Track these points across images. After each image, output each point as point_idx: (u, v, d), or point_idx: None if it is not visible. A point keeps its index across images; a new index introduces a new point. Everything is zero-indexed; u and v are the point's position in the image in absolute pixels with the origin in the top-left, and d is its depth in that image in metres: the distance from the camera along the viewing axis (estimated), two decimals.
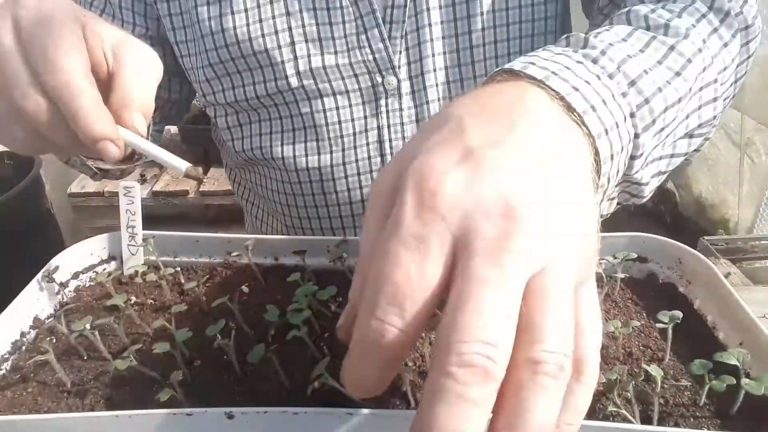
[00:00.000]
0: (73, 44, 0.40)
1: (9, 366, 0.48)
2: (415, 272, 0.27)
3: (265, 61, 0.65)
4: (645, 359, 0.46)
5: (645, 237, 0.57)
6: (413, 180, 0.28)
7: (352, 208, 0.71)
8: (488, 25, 0.64)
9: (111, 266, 0.62)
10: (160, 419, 0.38)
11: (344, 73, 0.65)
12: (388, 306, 0.27)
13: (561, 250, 0.28)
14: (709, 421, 0.40)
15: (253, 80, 0.67)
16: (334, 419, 0.37)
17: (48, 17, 0.40)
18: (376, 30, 0.63)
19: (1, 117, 0.43)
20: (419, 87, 0.66)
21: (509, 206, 0.27)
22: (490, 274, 0.26)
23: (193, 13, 0.65)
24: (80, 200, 2.21)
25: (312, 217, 0.74)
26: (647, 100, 0.43)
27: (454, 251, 0.27)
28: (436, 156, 0.29)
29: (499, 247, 0.26)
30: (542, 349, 0.25)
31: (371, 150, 0.68)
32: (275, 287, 0.57)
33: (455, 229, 0.27)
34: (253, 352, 0.45)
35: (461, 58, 0.65)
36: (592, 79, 0.40)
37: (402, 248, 0.27)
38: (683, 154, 0.52)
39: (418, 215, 0.27)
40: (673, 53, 0.47)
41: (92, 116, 0.40)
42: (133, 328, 0.52)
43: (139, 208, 0.60)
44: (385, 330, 0.27)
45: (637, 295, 0.54)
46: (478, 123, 0.32)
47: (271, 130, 0.70)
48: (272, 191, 0.76)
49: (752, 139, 2.12)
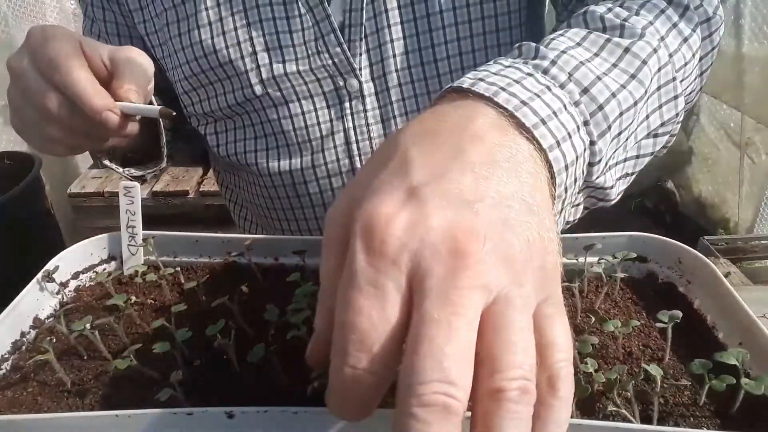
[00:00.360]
0: (69, 51, 0.50)
1: (9, 366, 0.48)
2: (377, 317, 0.27)
3: (231, 71, 0.67)
4: (645, 359, 0.46)
5: (645, 237, 0.57)
6: (361, 228, 0.29)
7: (325, 210, 0.73)
8: (449, 23, 0.64)
9: (111, 266, 0.62)
10: (160, 419, 0.38)
11: (306, 79, 0.67)
12: (357, 353, 0.28)
13: (514, 275, 0.29)
14: (709, 420, 0.40)
15: (224, 90, 0.69)
16: (334, 419, 0.37)
17: (50, 39, 0.50)
18: (333, 35, 0.64)
19: (37, 123, 0.53)
20: (382, 88, 0.67)
21: (455, 242, 0.28)
22: (442, 314, 0.26)
23: (165, 31, 0.68)
24: (80, 200, 2.22)
25: (290, 219, 0.76)
26: (601, 106, 0.43)
27: (410, 289, 0.28)
28: (381, 200, 0.30)
29: (449, 287, 0.27)
30: (503, 378, 0.26)
31: (339, 152, 0.70)
32: (275, 287, 0.57)
33: (407, 270, 0.28)
34: (253, 352, 0.45)
35: (423, 57, 0.66)
36: (543, 91, 0.40)
37: (360, 296, 0.28)
38: (649, 153, 0.53)
39: (370, 263, 0.28)
40: (627, 55, 0.47)
41: (91, 94, 0.49)
42: (133, 328, 0.52)
43: (139, 208, 0.60)
44: (359, 376, 0.28)
45: (637, 294, 0.54)
46: (424, 154, 0.32)
47: (245, 136, 0.73)
48: (252, 194, 0.78)
49: (752, 139, 2.12)
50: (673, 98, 0.50)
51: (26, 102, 0.52)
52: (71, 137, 0.54)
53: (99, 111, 0.50)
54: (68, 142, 0.54)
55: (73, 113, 0.51)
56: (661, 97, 0.49)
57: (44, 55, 0.50)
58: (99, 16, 0.73)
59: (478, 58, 0.66)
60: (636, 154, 0.51)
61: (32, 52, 0.51)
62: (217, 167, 0.87)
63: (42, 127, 0.52)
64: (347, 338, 0.28)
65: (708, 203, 2.44)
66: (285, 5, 0.64)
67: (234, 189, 0.86)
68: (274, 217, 0.78)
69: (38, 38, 0.51)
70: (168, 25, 0.68)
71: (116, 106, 0.51)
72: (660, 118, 0.50)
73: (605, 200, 0.49)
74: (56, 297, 0.56)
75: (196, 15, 0.66)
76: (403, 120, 0.68)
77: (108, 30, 0.74)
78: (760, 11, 2.03)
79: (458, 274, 0.27)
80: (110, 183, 2.23)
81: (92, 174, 2.31)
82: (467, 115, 0.36)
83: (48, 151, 0.57)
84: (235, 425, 0.37)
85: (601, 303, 0.52)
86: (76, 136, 0.54)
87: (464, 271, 0.27)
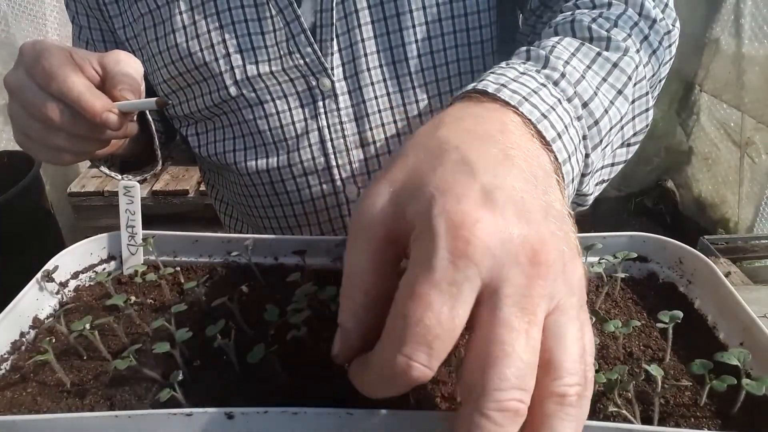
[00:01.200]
0: (63, 60, 0.52)
1: (9, 366, 0.48)
2: (446, 316, 0.28)
3: (207, 73, 0.68)
4: (645, 359, 0.46)
5: (645, 237, 0.57)
6: (445, 225, 0.29)
7: (304, 207, 0.74)
8: (419, 22, 0.65)
9: (111, 266, 0.62)
10: (160, 419, 0.38)
11: (279, 79, 0.68)
12: (416, 345, 0.28)
13: (569, 286, 0.31)
14: (710, 421, 0.40)
15: (201, 92, 0.70)
16: (334, 419, 0.37)
17: (41, 52, 0.52)
18: (303, 36, 0.65)
19: (42, 134, 0.54)
20: (355, 87, 0.68)
21: (534, 252, 0.29)
22: (521, 323, 0.28)
23: (142, 36, 0.70)
24: (80, 200, 2.22)
25: (270, 217, 0.77)
26: (597, 122, 0.45)
27: (480, 294, 0.29)
28: (460, 199, 0.30)
29: (526, 295, 0.29)
30: (565, 384, 0.29)
31: (314, 151, 0.70)
32: (275, 287, 0.57)
33: (485, 274, 0.29)
34: (253, 352, 0.44)
35: (395, 56, 0.67)
36: (556, 104, 0.42)
37: (434, 292, 0.28)
38: (622, 162, 0.55)
39: (452, 261, 0.29)
40: (615, 70, 0.49)
41: (89, 97, 0.51)
42: (133, 328, 0.52)
43: (138, 207, 0.60)
44: (411, 367, 0.29)
45: (637, 294, 0.54)
46: (480, 156, 0.33)
47: (224, 137, 0.74)
48: (234, 193, 0.80)
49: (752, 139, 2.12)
50: (645, 110, 0.53)
51: (29, 115, 0.53)
52: (76, 144, 0.55)
53: (99, 112, 0.51)
54: (74, 149, 0.56)
55: (75, 119, 0.52)
56: (635, 110, 0.52)
57: (39, 67, 0.51)
58: (85, 24, 0.75)
59: (449, 56, 0.67)
60: (611, 162, 0.54)
61: (27, 66, 0.52)
62: (203, 167, 0.89)
63: (47, 137, 0.54)
64: (410, 329, 0.28)
65: (708, 203, 2.44)
66: (256, 7, 0.65)
67: (219, 188, 0.88)
68: (256, 215, 0.79)
69: (31, 53, 0.52)
70: (145, 30, 0.69)
71: (114, 106, 0.52)
72: (633, 128, 0.52)
73: (583, 205, 0.52)
74: (56, 297, 0.56)
75: (171, 19, 0.67)
76: (376, 118, 0.68)
77: (94, 37, 0.75)
78: (760, 11, 2.03)
79: (534, 284, 0.29)
80: (110, 182, 2.23)
81: (92, 173, 2.31)
82: (501, 120, 0.37)
83: (55, 161, 0.58)
84: (235, 426, 0.37)
85: (601, 303, 0.52)
86: (81, 142, 0.55)
87: (539, 280, 0.29)
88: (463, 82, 0.69)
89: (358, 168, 0.70)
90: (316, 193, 0.72)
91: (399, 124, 0.69)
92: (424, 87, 0.68)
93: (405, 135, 0.69)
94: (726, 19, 2.17)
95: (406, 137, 0.66)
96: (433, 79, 0.68)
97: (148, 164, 0.73)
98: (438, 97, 0.69)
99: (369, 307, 0.33)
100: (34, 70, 0.52)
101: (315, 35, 0.66)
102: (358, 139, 0.69)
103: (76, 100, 0.50)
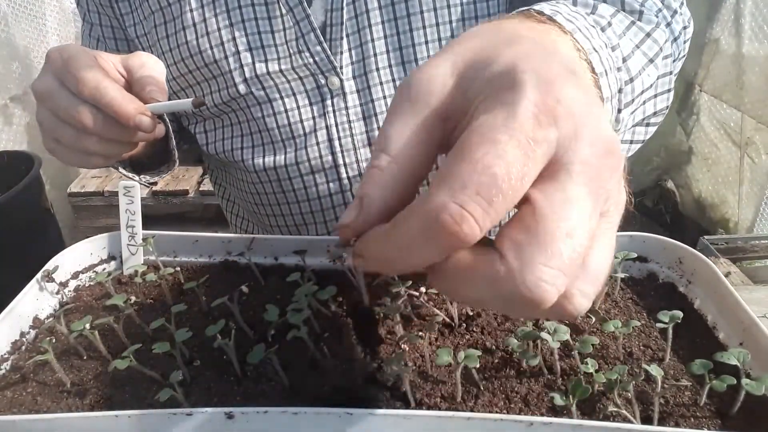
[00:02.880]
0: (90, 65, 0.52)
1: (9, 366, 0.48)
2: (516, 171, 0.25)
3: (216, 71, 0.68)
4: (645, 359, 0.46)
5: (645, 237, 0.57)
6: (535, 79, 0.27)
7: (310, 205, 0.74)
8: (429, 24, 0.65)
9: (111, 266, 0.62)
10: (160, 419, 0.38)
11: (288, 77, 0.68)
12: (476, 195, 0.25)
13: (622, 199, 0.29)
14: (710, 421, 0.40)
15: (210, 90, 0.71)
16: (334, 419, 0.37)
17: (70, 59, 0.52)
18: (312, 34, 0.66)
19: (75, 139, 0.54)
20: (364, 86, 0.68)
21: (609, 141, 0.27)
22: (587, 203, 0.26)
23: (153, 33, 0.70)
24: (80, 200, 2.22)
25: (277, 215, 0.77)
26: (632, 79, 0.45)
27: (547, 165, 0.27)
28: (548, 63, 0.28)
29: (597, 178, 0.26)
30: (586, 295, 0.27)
31: (322, 149, 0.70)
32: (275, 287, 0.57)
33: (562, 140, 0.26)
34: (253, 352, 0.45)
35: (404, 56, 0.67)
36: (602, 47, 0.42)
37: (512, 142, 0.25)
38: (640, 141, 0.56)
39: (537, 116, 0.26)
40: (648, 40, 0.50)
41: (122, 101, 0.51)
42: (133, 328, 0.52)
43: (138, 207, 0.60)
44: (463, 217, 0.25)
45: (637, 294, 0.54)
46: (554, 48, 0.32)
47: (232, 134, 0.74)
48: (242, 191, 0.80)
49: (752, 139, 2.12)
50: (667, 91, 0.53)
51: (60, 121, 0.53)
52: (107, 147, 0.56)
53: (132, 116, 0.51)
54: (105, 152, 0.56)
55: (108, 123, 0.53)
56: (658, 87, 0.52)
57: (69, 73, 0.52)
58: (96, 21, 0.76)
59: None
60: (630, 140, 0.54)
61: (56, 72, 0.53)
62: (210, 165, 0.89)
63: (79, 142, 0.54)
64: (474, 176, 0.25)
65: (708, 203, 2.44)
66: (267, 6, 0.65)
67: (226, 186, 0.88)
68: (262, 213, 0.79)
69: (58, 59, 0.53)
70: (156, 28, 0.70)
71: (147, 109, 0.53)
72: (654, 107, 0.53)
73: None
74: (56, 297, 0.56)
75: (181, 16, 0.67)
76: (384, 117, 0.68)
77: (105, 34, 0.76)
78: (760, 11, 2.03)
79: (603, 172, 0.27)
80: (110, 182, 2.23)
81: (92, 173, 2.31)
82: (561, 41, 0.37)
83: (86, 165, 0.58)
84: (235, 426, 0.37)
85: (601, 303, 0.52)
86: (112, 146, 0.56)
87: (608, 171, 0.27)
88: None
89: (365, 167, 0.71)
90: (323, 192, 0.73)
91: None
92: None
93: None
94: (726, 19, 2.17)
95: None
96: None
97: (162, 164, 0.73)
98: None
99: (399, 181, 0.30)
100: (64, 77, 0.52)
101: (325, 34, 0.66)
102: (366, 138, 0.69)
103: (109, 104, 0.51)
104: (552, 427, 0.36)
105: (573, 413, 0.39)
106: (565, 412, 0.40)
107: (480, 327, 0.50)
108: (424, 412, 0.39)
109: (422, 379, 0.44)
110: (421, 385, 0.43)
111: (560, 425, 0.36)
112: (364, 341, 0.49)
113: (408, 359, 0.46)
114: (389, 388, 0.43)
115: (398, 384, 0.43)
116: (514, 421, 0.36)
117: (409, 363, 0.45)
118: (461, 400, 0.42)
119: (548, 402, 0.41)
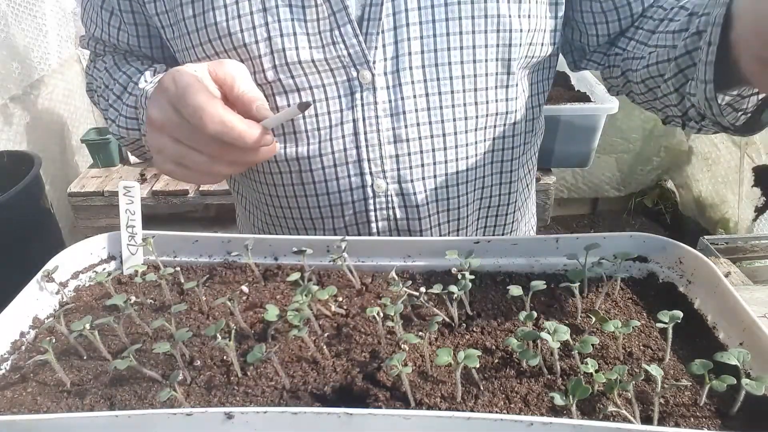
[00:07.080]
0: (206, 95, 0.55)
1: (9, 366, 0.48)
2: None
3: (245, 55, 0.67)
4: (645, 359, 0.46)
5: (645, 237, 0.57)
6: None
7: (329, 199, 0.73)
8: (467, 30, 0.65)
9: (111, 266, 0.62)
10: (160, 419, 0.38)
11: (320, 68, 0.67)
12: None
13: None
14: (710, 421, 0.40)
15: None
16: (333, 419, 0.37)
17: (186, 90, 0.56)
18: (349, 26, 0.65)
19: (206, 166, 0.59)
20: (395, 83, 0.68)
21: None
22: None
23: (177, 11, 0.68)
24: (80, 200, 2.21)
25: (292, 207, 0.76)
26: None
27: None
28: None
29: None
30: None
31: (347, 142, 0.70)
32: (275, 287, 0.57)
33: None
34: (253, 352, 0.45)
35: (438, 59, 0.67)
36: None
37: None
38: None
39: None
40: None
41: (249, 132, 0.55)
42: (133, 328, 0.52)
43: (138, 207, 0.60)
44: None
45: (637, 294, 0.54)
46: None
47: None
48: (256, 182, 0.78)
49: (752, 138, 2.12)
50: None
51: (187, 149, 0.58)
52: (233, 167, 0.61)
53: (259, 141, 0.56)
54: (233, 171, 0.63)
55: (233, 149, 0.57)
56: None
57: (189, 107, 0.55)
58: None
59: (489, 68, 0.68)
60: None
61: (173, 102, 0.57)
62: None
63: (212, 167, 0.59)
64: None
65: (708, 203, 2.44)
66: None
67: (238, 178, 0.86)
68: (277, 205, 0.78)
69: (172, 87, 0.57)
70: (182, 6, 0.67)
71: (263, 127, 0.56)
72: None
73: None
74: (56, 297, 0.56)
75: None
76: (411, 116, 0.69)
77: (122, 8, 0.73)
78: None
79: None
80: (110, 182, 2.23)
81: (92, 173, 2.31)
82: None
83: (207, 182, 0.63)
84: (235, 426, 0.37)
85: (601, 303, 0.52)
86: (237, 166, 0.61)
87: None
88: (499, 96, 0.69)
89: (388, 164, 0.70)
90: (344, 185, 0.72)
91: (433, 126, 0.69)
92: (462, 94, 0.68)
93: (437, 138, 0.69)
94: None
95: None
96: (472, 87, 0.68)
97: None
98: (474, 105, 0.69)
99: None
100: (185, 110, 0.55)
101: (360, 28, 0.65)
102: (392, 135, 0.69)
103: (238, 137, 0.55)
104: (552, 427, 0.36)
105: (573, 413, 0.39)
106: (565, 412, 0.40)
107: (480, 327, 0.50)
108: (424, 412, 0.39)
109: (422, 379, 0.44)
110: (421, 385, 0.43)
111: (560, 425, 0.36)
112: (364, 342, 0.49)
113: (408, 359, 0.46)
114: (389, 388, 0.43)
115: (398, 384, 0.43)
116: (514, 421, 0.36)
117: (409, 363, 0.45)
118: (461, 400, 0.42)
119: (548, 402, 0.41)
